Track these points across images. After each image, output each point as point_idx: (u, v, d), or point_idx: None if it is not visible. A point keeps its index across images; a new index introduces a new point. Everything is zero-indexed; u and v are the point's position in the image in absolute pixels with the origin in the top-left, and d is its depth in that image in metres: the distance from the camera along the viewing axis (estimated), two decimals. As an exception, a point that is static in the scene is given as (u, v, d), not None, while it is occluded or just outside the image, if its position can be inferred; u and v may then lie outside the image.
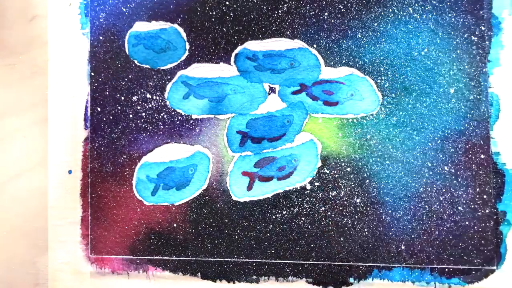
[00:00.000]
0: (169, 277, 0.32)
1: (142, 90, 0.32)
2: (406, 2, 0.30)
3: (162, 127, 0.32)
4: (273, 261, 0.31)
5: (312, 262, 0.31)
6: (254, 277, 0.31)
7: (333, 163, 0.30)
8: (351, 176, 0.30)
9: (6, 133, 0.33)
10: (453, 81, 0.30)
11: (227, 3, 0.31)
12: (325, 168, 0.30)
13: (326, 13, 0.30)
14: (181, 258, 0.31)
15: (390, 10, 0.30)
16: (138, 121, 0.32)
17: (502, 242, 0.29)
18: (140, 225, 0.32)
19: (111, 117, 0.32)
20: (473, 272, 0.29)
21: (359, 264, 0.30)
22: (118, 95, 0.32)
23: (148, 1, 0.31)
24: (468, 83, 0.30)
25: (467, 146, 0.29)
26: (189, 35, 0.31)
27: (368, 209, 0.30)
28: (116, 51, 0.32)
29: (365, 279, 0.30)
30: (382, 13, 0.30)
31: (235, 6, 0.31)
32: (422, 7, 0.30)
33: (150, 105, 0.32)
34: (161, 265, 0.32)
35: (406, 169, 0.30)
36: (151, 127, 0.32)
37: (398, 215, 0.30)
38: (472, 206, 0.29)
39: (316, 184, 0.31)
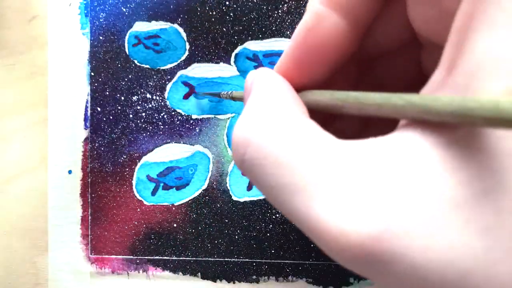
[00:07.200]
0: (169, 277, 0.32)
1: (142, 90, 0.32)
2: (406, 2, 0.30)
3: (162, 127, 0.32)
4: (273, 261, 0.31)
5: (312, 262, 0.31)
6: (254, 277, 0.31)
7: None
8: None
9: (6, 133, 0.33)
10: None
11: (227, 3, 0.31)
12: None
13: (326, 13, 0.30)
14: (181, 258, 0.31)
15: (390, 10, 0.30)
16: (138, 121, 0.32)
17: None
18: (140, 225, 0.32)
19: (111, 117, 0.32)
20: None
21: (359, 264, 0.30)
22: (118, 95, 0.32)
23: (148, 1, 0.31)
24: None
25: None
26: (189, 35, 0.31)
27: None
28: (116, 51, 0.32)
29: (365, 279, 0.30)
30: (382, 13, 0.30)
31: (235, 6, 0.31)
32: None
33: (150, 105, 0.32)
34: (161, 265, 0.32)
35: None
36: (151, 127, 0.32)
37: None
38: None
39: (316, 184, 0.30)
